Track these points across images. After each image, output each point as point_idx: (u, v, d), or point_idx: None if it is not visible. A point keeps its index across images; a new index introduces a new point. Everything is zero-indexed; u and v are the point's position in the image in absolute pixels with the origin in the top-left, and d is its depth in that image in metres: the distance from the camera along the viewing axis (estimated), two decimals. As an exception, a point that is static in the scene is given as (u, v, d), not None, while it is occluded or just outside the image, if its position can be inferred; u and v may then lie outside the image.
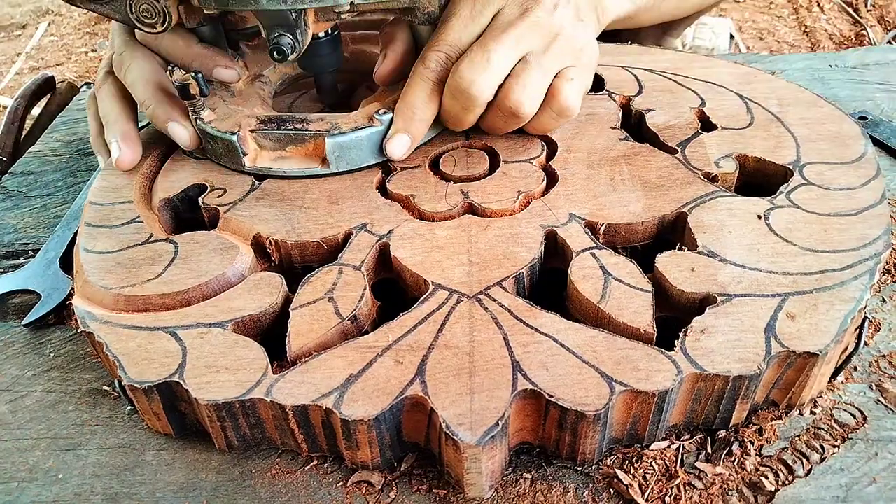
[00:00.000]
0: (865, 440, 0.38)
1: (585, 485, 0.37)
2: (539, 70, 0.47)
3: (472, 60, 0.46)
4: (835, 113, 0.52)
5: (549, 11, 0.48)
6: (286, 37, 0.46)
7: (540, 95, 0.48)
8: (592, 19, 0.53)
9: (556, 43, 0.48)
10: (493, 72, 0.46)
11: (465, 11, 0.48)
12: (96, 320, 0.41)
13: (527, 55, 0.47)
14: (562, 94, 0.48)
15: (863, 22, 1.97)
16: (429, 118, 0.49)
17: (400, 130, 0.48)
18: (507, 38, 0.46)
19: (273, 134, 0.48)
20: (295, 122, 0.49)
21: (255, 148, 0.49)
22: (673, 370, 0.35)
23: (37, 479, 0.39)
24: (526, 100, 0.47)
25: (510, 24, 0.47)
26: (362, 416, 0.34)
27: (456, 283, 0.41)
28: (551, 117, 0.49)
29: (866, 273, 0.40)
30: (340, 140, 0.47)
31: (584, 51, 0.50)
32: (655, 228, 0.45)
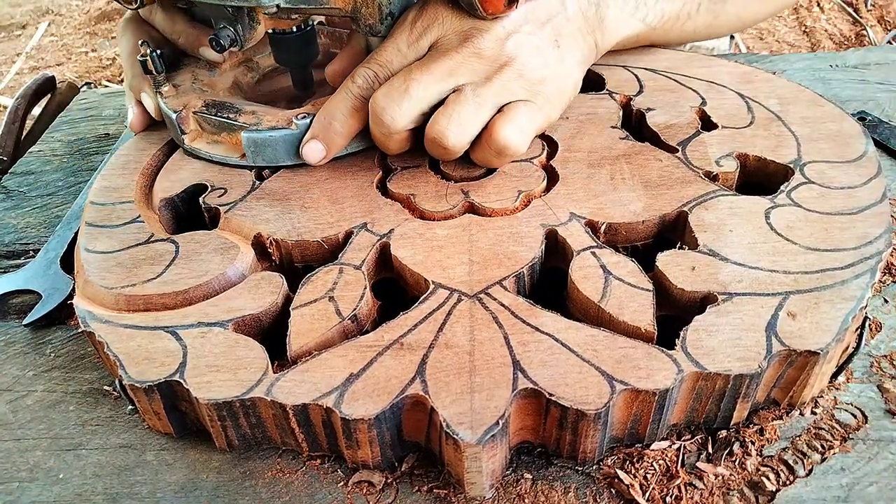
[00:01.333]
0: (866, 440, 0.38)
1: (586, 485, 0.37)
2: (473, 102, 0.44)
3: (391, 86, 0.44)
4: (835, 112, 0.52)
5: (497, 40, 0.45)
6: (227, 30, 0.48)
7: (469, 129, 0.44)
8: (579, 45, 0.50)
9: (502, 74, 0.44)
10: (410, 102, 0.44)
11: (402, 35, 0.46)
12: (97, 320, 0.41)
13: (462, 86, 0.44)
14: (497, 132, 0.44)
15: (863, 22, 1.97)
16: (347, 132, 0.47)
17: (315, 137, 0.47)
18: (436, 68, 0.44)
19: (211, 119, 0.50)
20: (230, 111, 0.50)
21: (196, 129, 0.51)
22: (674, 369, 0.35)
23: (37, 479, 0.39)
24: (449, 132, 0.44)
25: (444, 53, 0.44)
26: (363, 416, 0.34)
27: (456, 282, 0.41)
28: (489, 153, 0.46)
29: (867, 272, 0.39)
30: (255, 136, 0.48)
31: (547, 82, 0.46)
32: (656, 227, 0.45)
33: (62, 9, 2.65)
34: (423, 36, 0.45)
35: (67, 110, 0.76)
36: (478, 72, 0.44)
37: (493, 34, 0.44)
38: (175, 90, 0.52)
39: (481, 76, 0.44)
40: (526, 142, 0.46)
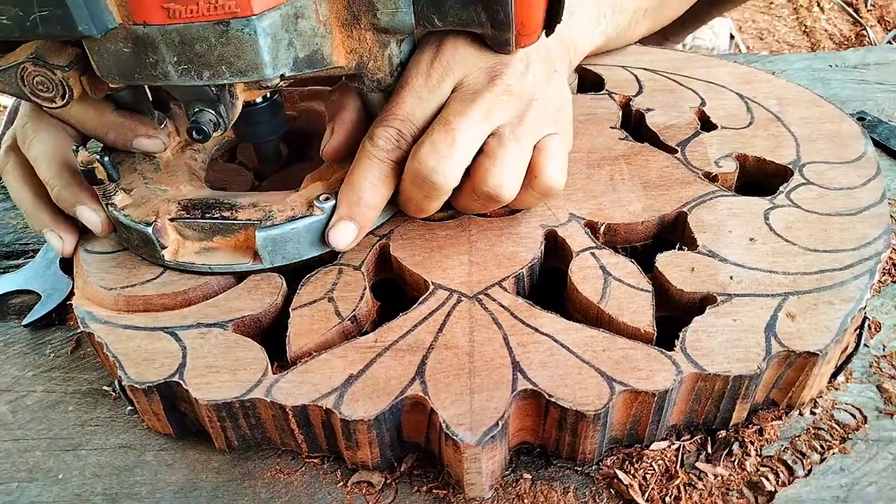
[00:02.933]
0: (865, 440, 0.38)
1: (585, 485, 0.37)
2: (516, 145, 0.40)
3: (434, 142, 0.39)
4: (835, 112, 0.52)
5: (520, 74, 0.41)
6: (207, 113, 0.39)
7: (520, 174, 0.41)
8: (565, 66, 0.49)
9: (531, 110, 0.41)
10: (460, 155, 0.39)
11: (420, 81, 0.41)
12: (96, 320, 0.41)
13: (499, 129, 0.40)
14: (545, 173, 0.41)
15: (863, 22, 1.97)
16: (378, 204, 0.41)
17: (344, 218, 0.41)
18: (473, 113, 0.39)
19: (197, 223, 0.42)
20: (222, 208, 0.42)
21: (176, 238, 0.42)
22: (673, 370, 0.35)
23: (37, 479, 0.39)
24: (505, 183, 0.40)
25: (476, 94, 0.40)
26: (362, 416, 0.34)
27: (456, 283, 0.41)
28: (534, 196, 0.43)
29: (866, 273, 0.39)
30: (274, 234, 0.41)
31: (562, 111, 0.44)
32: (655, 228, 0.45)
33: (62, 8, 2.64)
34: (444, 78, 0.41)
35: (67, 110, 0.76)
36: (511, 110, 0.41)
37: (516, 68, 0.41)
38: (129, 197, 0.43)
39: (514, 115, 0.41)
40: (565, 175, 0.43)
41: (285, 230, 0.41)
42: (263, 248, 0.41)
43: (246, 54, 0.35)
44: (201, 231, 0.42)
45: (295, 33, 0.36)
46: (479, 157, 0.40)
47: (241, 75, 0.36)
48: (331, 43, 0.38)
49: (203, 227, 0.42)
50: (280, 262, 0.42)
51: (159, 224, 0.41)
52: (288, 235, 0.41)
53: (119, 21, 0.35)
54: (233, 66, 0.36)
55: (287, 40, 0.36)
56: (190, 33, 0.34)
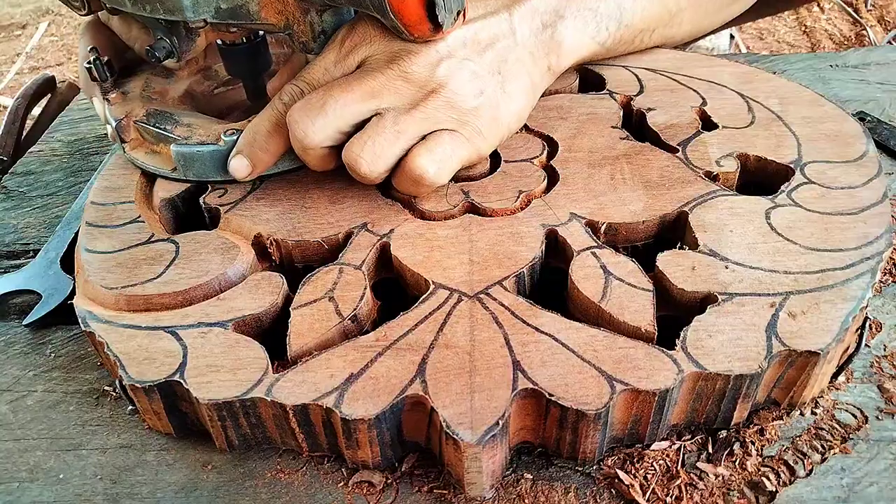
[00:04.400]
0: (867, 440, 0.38)
1: (586, 485, 0.37)
2: (392, 130, 0.42)
3: (308, 101, 0.43)
4: (836, 112, 0.52)
5: (428, 64, 0.42)
6: (163, 41, 0.47)
7: (386, 157, 0.43)
8: (527, 70, 0.48)
9: (429, 101, 0.42)
10: (325, 119, 0.42)
11: (333, 53, 0.45)
12: (97, 320, 0.41)
13: (385, 110, 0.43)
14: (414, 162, 0.43)
15: (863, 22, 1.97)
16: (272, 149, 0.46)
17: (240, 153, 0.46)
18: (357, 88, 0.42)
19: (149, 129, 0.50)
20: (167, 121, 0.49)
21: (137, 138, 0.51)
22: (674, 369, 0.35)
23: (38, 479, 0.39)
24: (363, 159, 0.42)
25: (370, 73, 0.43)
26: (363, 416, 0.34)
27: (456, 282, 0.41)
28: (407, 182, 0.44)
29: (868, 272, 0.39)
30: (184, 150, 0.47)
31: (480, 112, 0.44)
32: (656, 228, 0.45)
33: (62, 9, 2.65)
34: (350, 54, 0.44)
35: (67, 110, 0.76)
36: (403, 96, 0.43)
37: (425, 57, 0.42)
38: (122, 97, 0.52)
39: (406, 102, 0.43)
40: (444, 174, 0.44)
41: (192, 150, 0.48)
42: (177, 161, 0.48)
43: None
44: (152, 136, 0.50)
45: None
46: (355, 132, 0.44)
47: (170, 13, 0.43)
48: (258, 1, 0.44)
49: (152, 133, 0.50)
50: (191, 177, 0.49)
51: (124, 122, 0.50)
52: (195, 156, 0.48)
53: None
54: (164, 5, 0.43)
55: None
56: None
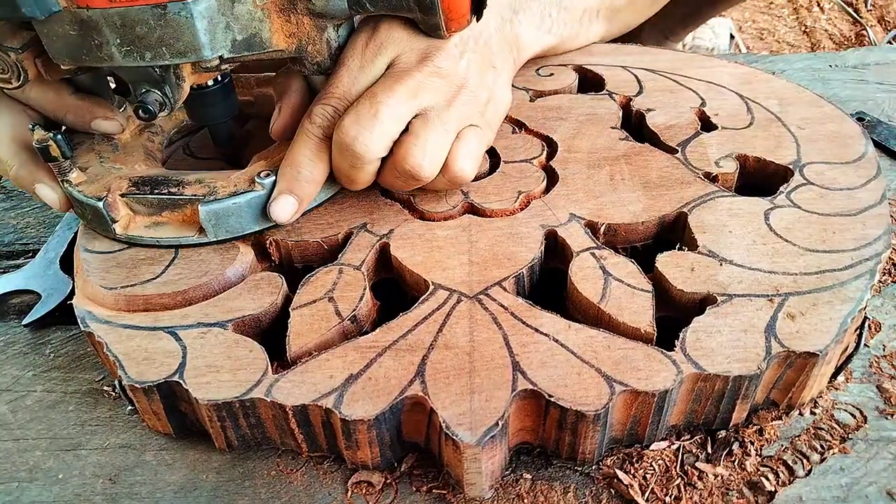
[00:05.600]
0: (865, 440, 0.38)
1: (585, 485, 0.37)
2: (441, 128, 0.42)
3: (358, 113, 0.41)
4: (835, 113, 0.52)
5: (453, 59, 0.43)
6: (153, 93, 0.41)
7: (441, 157, 0.42)
8: (507, 63, 0.49)
9: (461, 96, 0.43)
10: (382, 127, 0.40)
11: (355, 61, 0.42)
12: (96, 320, 0.41)
13: (426, 110, 0.42)
14: (458, 164, 0.43)
15: (863, 22, 1.97)
16: (317, 178, 0.43)
17: (284, 192, 0.43)
18: (400, 89, 0.41)
19: (146, 199, 0.44)
20: (170, 185, 0.44)
21: (127, 213, 0.44)
22: (673, 370, 0.35)
23: (37, 479, 0.39)
24: (426, 162, 0.41)
25: (405, 72, 0.42)
26: (362, 416, 0.34)
27: (456, 282, 0.41)
28: (443, 182, 0.44)
29: (866, 273, 0.39)
30: (216, 207, 0.42)
31: (491, 105, 0.45)
32: (655, 228, 0.45)
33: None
34: (377, 56, 0.43)
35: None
36: (440, 93, 0.42)
37: (449, 52, 0.43)
38: (84, 174, 0.45)
39: (442, 98, 0.42)
40: (476, 170, 0.45)
41: (227, 205, 0.43)
42: (207, 222, 0.43)
43: (184, 36, 0.37)
44: (150, 206, 0.44)
45: (232, 17, 0.39)
46: (404, 135, 0.42)
47: (181, 56, 0.38)
48: (269, 27, 0.40)
49: (152, 202, 0.44)
50: (224, 236, 0.44)
51: (110, 199, 0.43)
52: (230, 210, 0.43)
53: (63, 4, 0.37)
54: (172, 48, 0.38)
55: (224, 23, 0.38)
56: (130, 16, 0.37)
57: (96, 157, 0.47)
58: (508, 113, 0.54)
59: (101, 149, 0.48)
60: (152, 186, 0.44)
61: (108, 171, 0.46)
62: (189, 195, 0.43)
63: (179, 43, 0.38)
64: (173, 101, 0.42)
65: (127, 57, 0.38)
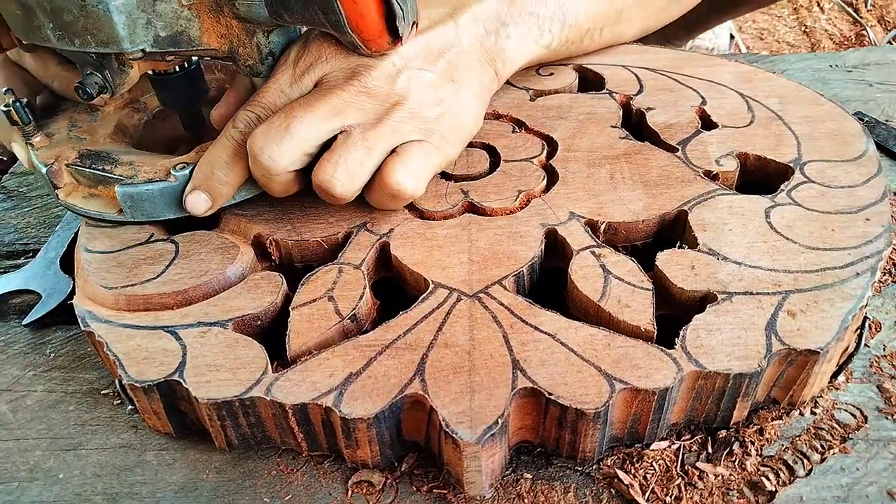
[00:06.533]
0: (866, 440, 0.38)
1: (586, 484, 0.37)
2: (362, 146, 0.41)
3: (270, 125, 0.41)
4: (835, 111, 0.52)
5: (387, 77, 0.42)
6: (95, 76, 0.43)
7: (360, 175, 0.42)
8: (477, 76, 0.48)
9: (393, 114, 0.42)
10: (292, 142, 0.41)
11: (286, 75, 0.43)
12: (97, 320, 0.41)
13: (350, 127, 0.42)
14: (389, 177, 0.42)
15: (863, 22, 1.97)
16: (231, 181, 0.43)
17: (197, 188, 0.43)
18: (320, 106, 0.41)
19: (85, 172, 0.46)
20: (106, 162, 0.46)
21: (71, 182, 0.47)
22: (673, 368, 0.35)
23: (37, 479, 0.39)
24: (337, 180, 0.41)
25: (330, 90, 0.42)
26: (362, 415, 0.34)
27: (456, 281, 0.41)
28: (385, 197, 0.44)
29: (867, 271, 0.39)
30: (131, 191, 0.44)
31: (443, 120, 0.44)
32: (656, 227, 0.45)
33: None
34: (306, 73, 0.43)
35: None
36: (367, 111, 0.42)
37: (383, 70, 0.42)
38: (48, 140, 0.48)
39: (371, 116, 0.42)
40: (421, 185, 0.44)
41: (140, 190, 0.44)
42: (124, 203, 0.45)
43: (104, 28, 0.39)
44: (89, 179, 0.46)
45: (153, 14, 0.40)
46: (324, 153, 0.42)
47: (105, 46, 0.40)
48: (199, 26, 0.41)
49: (89, 175, 0.46)
50: (140, 218, 0.46)
51: (55, 167, 0.46)
52: (144, 195, 0.44)
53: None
54: (96, 38, 0.39)
55: (145, 19, 0.40)
56: (57, 3, 0.38)
57: (68, 124, 0.49)
58: (508, 112, 0.54)
59: (79, 118, 0.50)
60: (92, 161, 0.46)
61: (71, 141, 0.48)
62: (116, 175, 0.45)
63: (101, 34, 0.39)
64: (114, 85, 0.44)
65: (60, 41, 0.40)
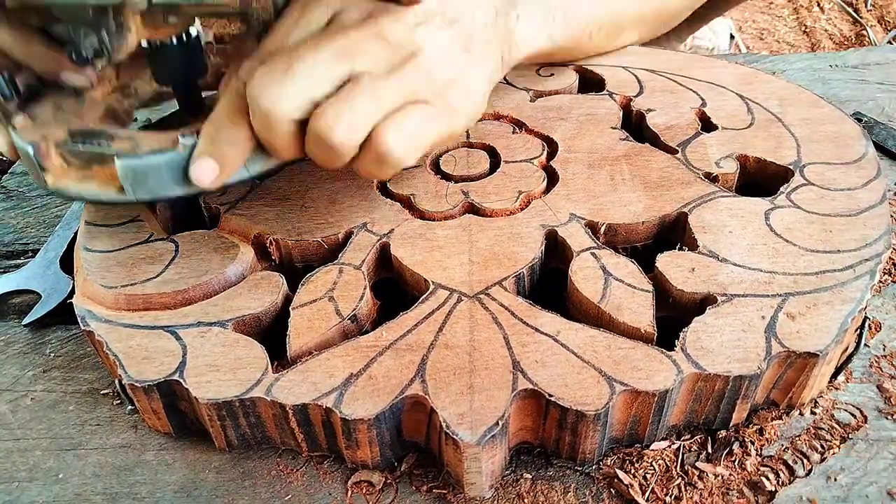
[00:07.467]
0: (866, 440, 0.38)
1: (586, 485, 0.37)
2: (371, 96, 0.36)
3: (272, 66, 0.36)
4: (835, 113, 0.52)
5: (405, 26, 0.38)
6: (90, 37, 0.38)
7: (362, 128, 0.37)
8: (489, 55, 0.44)
9: (407, 66, 0.37)
10: (295, 84, 0.36)
11: (294, 13, 0.38)
12: (96, 319, 0.41)
13: (359, 74, 0.37)
14: (382, 137, 0.37)
15: (863, 22, 1.97)
16: (239, 140, 0.38)
17: (203, 153, 0.38)
18: (328, 45, 0.36)
19: (77, 150, 0.40)
20: (101, 137, 0.40)
21: (60, 164, 0.41)
22: (673, 370, 0.35)
23: (37, 479, 0.39)
24: (339, 127, 0.36)
25: (341, 29, 0.37)
26: (362, 416, 0.34)
27: (456, 282, 0.41)
28: (370, 162, 0.38)
29: (867, 273, 0.39)
30: (133, 164, 0.39)
31: (454, 86, 0.39)
32: (656, 228, 0.45)
33: (62, 8, 2.64)
34: (315, 10, 0.38)
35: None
36: (379, 59, 0.37)
37: (402, 18, 0.38)
38: (31, 121, 0.42)
39: (383, 66, 0.37)
40: (413, 152, 0.39)
41: (144, 162, 0.39)
42: (125, 179, 0.39)
43: None
44: (81, 159, 0.41)
45: None
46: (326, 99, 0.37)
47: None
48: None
49: (82, 154, 0.41)
50: (144, 197, 0.40)
51: (42, 146, 0.40)
52: (148, 168, 0.39)
53: None
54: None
55: None
56: None
57: (54, 108, 0.44)
58: (509, 113, 0.54)
59: (64, 102, 0.45)
60: (85, 137, 0.41)
61: (58, 122, 0.43)
62: (115, 149, 0.40)
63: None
64: (111, 48, 0.39)
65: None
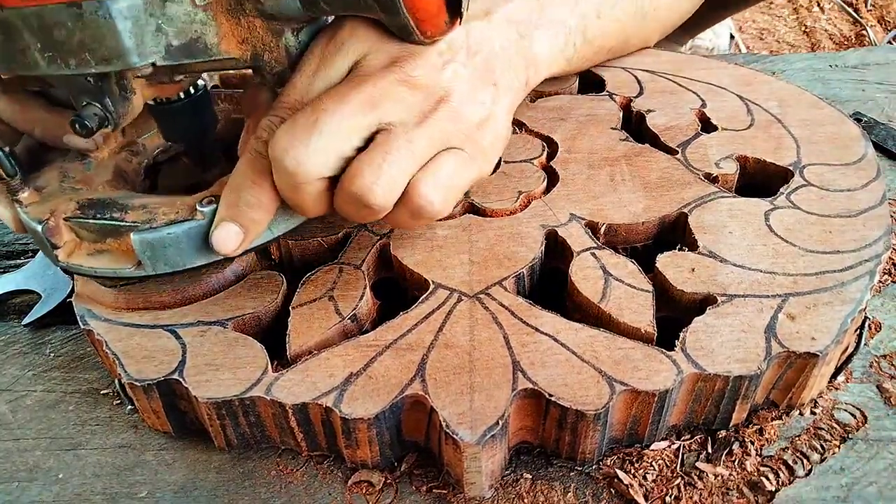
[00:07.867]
0: (866, 440, 0.38)
1: (586, 485, 0.37)
2: (406, 149, 0.34)
3: (295, 122, 0.34)
4: (835, 114, 0.52)
5: (433, 68, 0.36)
6: (93, 106, 0.36)
7: (400, 182, 0.35)
8: (514, 83, 0.42)
9: (438, 112, 0.35)
10: (322, 140, 0.34)
11: (312, 63, 0.36)
12: (96, 318, 0.41)
13: (391, 125, 0.35)
14: (419, 191, 0.35)
15: (863, 22, 1.97)
16: (264, 202, 0.36)
17: (225, 219, 0.36)
18: (354, 97, 0.34)
19: (88, 223, 0.39)
20: (113, 208, 0.39)
21: (72, 239, 0.40)
22: (673, 370, 0.35)
23: (37, 479, 0.39)
24: (378, 187, 0.34)
25: (367, 78, 0.35)
26: (362, 415, 0.35)
27: (456, 282, 0.41)
28: (405, 215, 0.37)
29: (866, 274, 0.40)
30: (149, 237, 0.37)
31: (485, 128, 0.38)
32: (656, 229, 0.45)
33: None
34: (336, 56, 0.36)
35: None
36: (409, 106, 0.35)
37: (429, 59, 0.36)
38: (38, 194, 0.41)
39: (413, 113, 0.35)
40: (450, 203, 0.37)
41: (162, 234, 0.37)
42: (142, 253, 0.38)
43: (106, 40, 0.33)
44: (94, 232, 0.39)
45: (164, 18, 0.34)
46: (359, 154, 0.35)
47: (107, 63, 0.33)
48: (216, 31, 0.35)
49: (94, 228, 0.39)
50: (163, 270, 0.39)
51: (51, 223, 0.39)
52: (166, 240, 0.38)
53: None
54: (96, 54, 0.33)
55: (154, 25, 0.34)
56: (46, 17, 0.33)
57: (59, 175, 0.43)
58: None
59: (70, 168, 0.43)
60: (96, 210, 0.39)
61: (65, 193, 0.41)
62: (129, 222, 0.38)
63: (102, 48, 0.33)
64: (116, 115, 0.37)
65: (51, 64, 0.34)
